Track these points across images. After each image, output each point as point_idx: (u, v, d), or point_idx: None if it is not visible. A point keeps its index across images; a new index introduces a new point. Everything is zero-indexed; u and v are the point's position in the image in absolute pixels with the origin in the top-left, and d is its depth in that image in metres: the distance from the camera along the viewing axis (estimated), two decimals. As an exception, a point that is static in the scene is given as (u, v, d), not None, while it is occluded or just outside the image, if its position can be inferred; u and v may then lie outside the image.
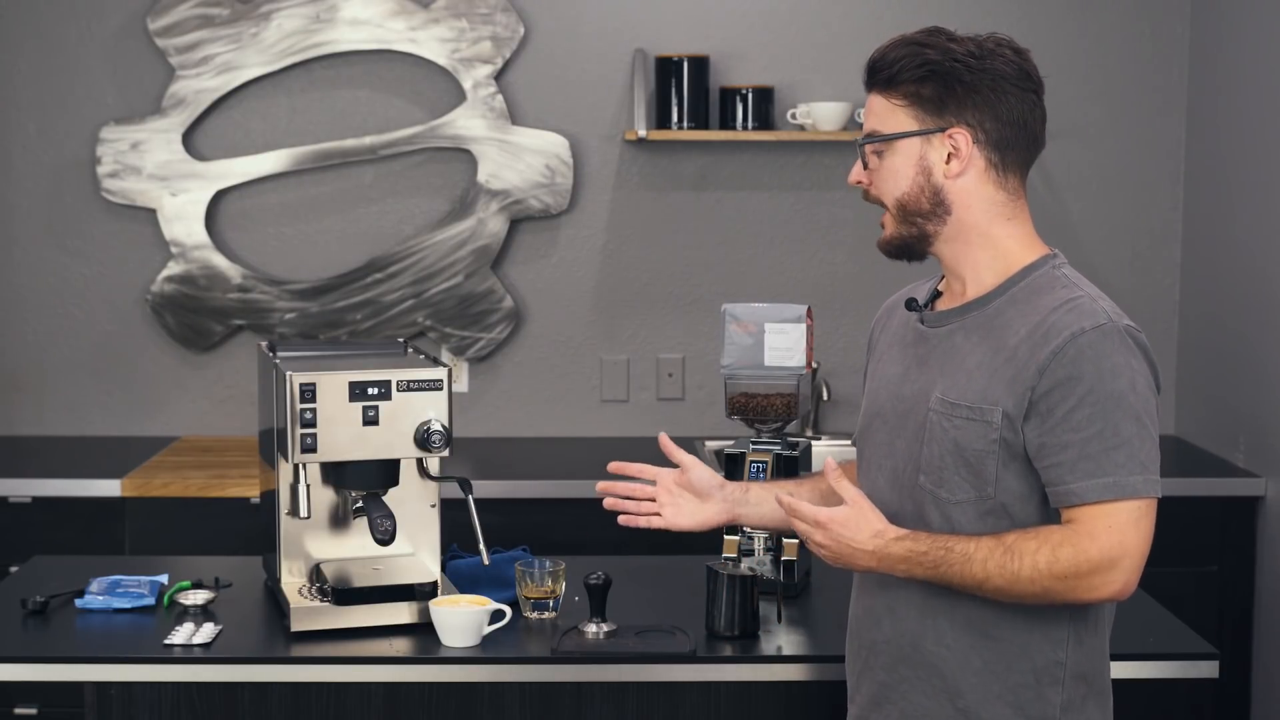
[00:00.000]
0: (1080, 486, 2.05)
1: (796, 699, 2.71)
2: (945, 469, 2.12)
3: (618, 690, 2.70)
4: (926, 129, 2.14)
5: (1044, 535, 2.07)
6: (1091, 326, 2.06)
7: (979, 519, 2.12)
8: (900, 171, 2.16)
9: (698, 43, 4.33)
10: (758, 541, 2.81)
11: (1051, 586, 2.05)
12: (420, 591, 2.68)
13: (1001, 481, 2.10)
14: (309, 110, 4.36)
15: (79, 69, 4.32)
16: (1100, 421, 2.04)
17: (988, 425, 2.09)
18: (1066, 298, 2.11)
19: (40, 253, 4.37)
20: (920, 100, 2.14)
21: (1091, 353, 2.05)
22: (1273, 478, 3.85)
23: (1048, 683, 2.14)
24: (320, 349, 2.98)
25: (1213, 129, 4.23)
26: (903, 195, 2.16)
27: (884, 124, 2.16)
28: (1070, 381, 2.05)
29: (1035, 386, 2.07)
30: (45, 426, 4.41)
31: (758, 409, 2.91)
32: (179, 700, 2.71)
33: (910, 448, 2.18)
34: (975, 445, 2.10)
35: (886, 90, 2.16)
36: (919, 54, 2.13)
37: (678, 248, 4.41)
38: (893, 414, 2.22)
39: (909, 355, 2.23)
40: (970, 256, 2.18)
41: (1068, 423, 2.05)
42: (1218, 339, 4.15)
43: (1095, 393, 2.04)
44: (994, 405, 2.09)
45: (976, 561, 2.07)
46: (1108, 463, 2.04)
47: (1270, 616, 3.84)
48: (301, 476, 2.66)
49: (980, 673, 2.14)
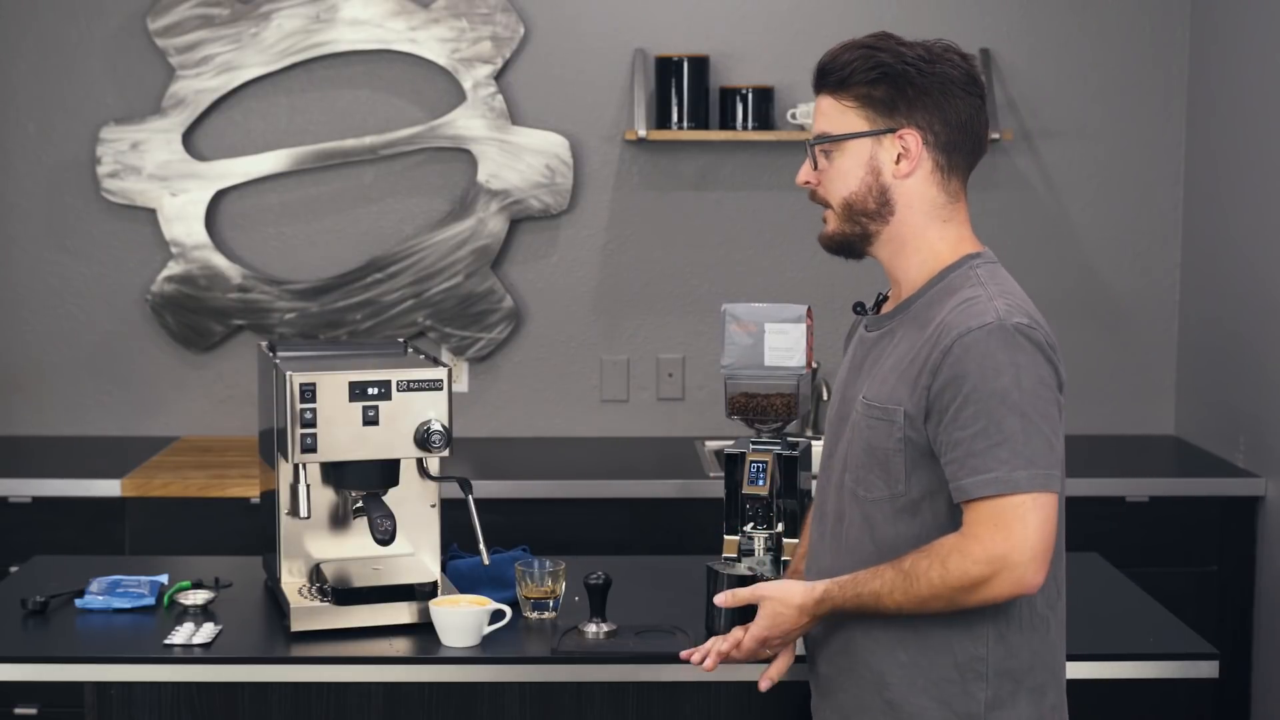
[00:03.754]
0: (968, 483, 2.09)
1: (796, 699, 2.70)
2: (862, 468, 2.20)
3: (618, 690, 2.70)
4: (877, 129, 2.19)
5: (934, 550, 2.11)
6: (977, 325, 2.10)
7: (894, 516, 2.18)
8: (849, 172, 2.21)
9: (698, 43, 4.33)
10: (758, 541, 2.81)
11: (955, 597, 2.11)
12: (420, 591, 2.68)
13: (912, 479, 2.16)
14: (309, 110, 4.36)
15: (79, 69, 4.32)
16: (984, 419, 2.08)
17: (892, 424, 2.16)
18: (966, 297, 2.16)
19: (40, 253, 4.37)
20: (871, 102, 2.19)
21: (976, 351, 2.09)
22: (1273, 478, 3.85)
23: (971, 678, 2.17)
24: (320, 349, 2.98)
25: (1213, 129, 4.23)
26: (850, 194, 2.22)
27: (834, 125, 2.22)
28: (956, 381, 2.10)
29: (930, 386, 2.12)
30: (45, 426, 4.41)
31: (758, 409, 2.91)
32: (179, 700, 2.71)
33: (843, 449, 2.25)
34: (884, 444, 2.17)
35: (837, 92, 2.21)
36: (871, 56, 2.19)
37: (678, 248, 4.41)
38: (836, 417, 2.30)
39: (854, 359, 2.31)
40: (905, 258, 2.23)
41: (955, 421, 2.10)
42: (1218, 339, 4.15)
43: (978, 391, 2.08)
44: (898, 405, 2.15)
45: (885, 596, 2.14)
46: (991, 459, 2.07)
47: (1270, 616, 3.84)
48: (301, 476, 2.66)
49: (906, 666, 2.18)
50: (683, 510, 3.84)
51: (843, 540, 2.24)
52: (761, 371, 2.89)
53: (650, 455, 4.22)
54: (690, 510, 3.82)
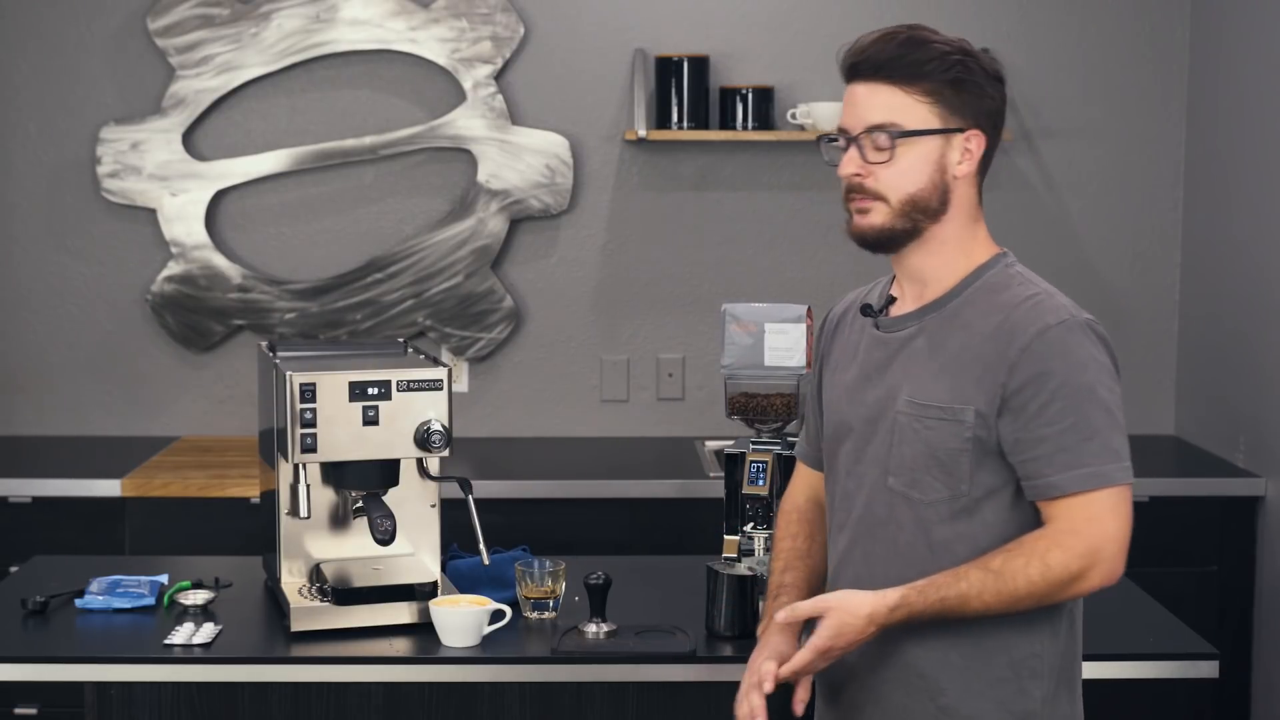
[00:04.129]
0: (1060, 479, 2.08)
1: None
2: (917, 470, 2.15)
3: (618, 690, 2.70)
4: (951, 127, 2.16)
5: (1028, 548, 2.09)
6: (1056, 322, 2.11)
7: (951, 517, 2.14)
8: (916, 167, 2.16)
9: (698, 43, 4.33)
10: (758, 541, 2.81)
11: (1052, 593, 2.09)
12: (420, 591, 2.68)
13: (975, 479, 2.13)
14: (309, 110, 4.36)
15: (79, 69, 4.32)
16: (1073, 414, 2.08)
17: (960, 425, 2.12)
18: (1026, 295, 2.15)
19: (40, 253, 4.37)
20: (944, 99, 2.15)
21: (1058, 347, 2.09)
22: (1273, 478, 3.85)
23: (1026, 675, 2.16)
24: (320, 349, 2.98)
25: (1213, 129, 4.23)
26: (917, 191, 2.16)
27: (904, 118, 2.15)
28: (1041, 377, 2.09)
29: (1006, 384, 2.10)
30: (45, 426, 4.41)
31: (758, 409, 2.91)
32: (179, 700, 2.71)
33: (878, 452, 2.20)
34: (948, 445, 2.13)
35: (909, 84, 2.15)
36: (942, 51, 2.15)
37: (678, 248, 4.41)
38: (857, 421, 2.23)
39: (868, 361, 2.25)
40: (940, 257, 2.20)
41: (1040, 418, 2.09)
42: (1218, 339, 4.15)
43: (1066, 386, 2.08)
44: (965, 405, 2.12)
45: (971, 599, 2.09)
46: (1084, 453, 2.08)
47: (1270, 616, 3.84)
48: (301, 476, 2.66)
49: (960, 669, 2.16)
50: (683, 510, 3.84)
51: (892, 545, 2.19)
52: (761, 371, 2.89)
53: (650, 455, 4.22)
54: (690, 510, 3.82)
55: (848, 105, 2.21)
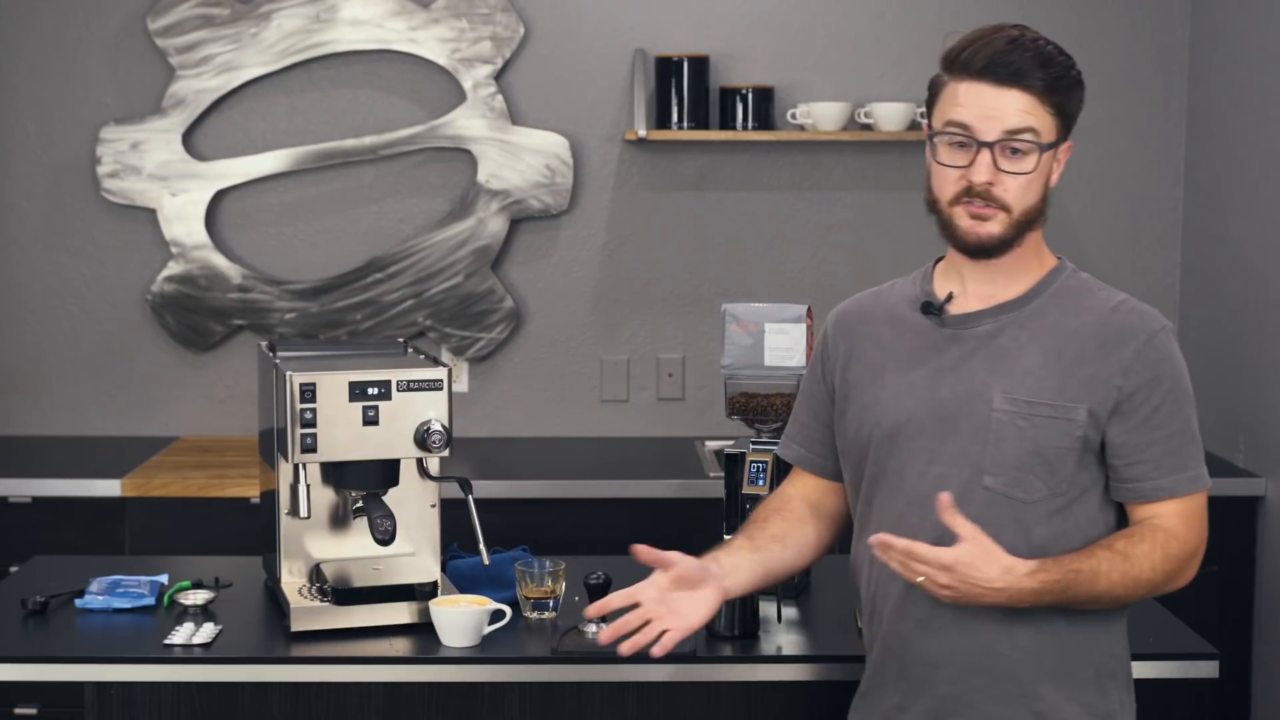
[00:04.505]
0: (1169, 481, 2.13)
1: (796, 699, 2.71)
2: (1020, 468, 2.13)
3: (618, 690, 2.70)
4: (1062, 139, 2.17)
5: (1148, 535, 2.12)
6: (1160, 327, 2.16)
7: (1048, 517, 2.14)
8: (1037, 179, 2.15)
9: (698, 43, 4.33)
10: (758, 541, 2.81)
11: (1158, 586, 2.13)
12: (420, 591, 2.68)
13: (1074, 479, 2.14)
14: (309, 110, 4.36)
15: (79, 69, 4.32)
16: (1179, 419, 2.15)
17: (1071, 423, 2.13)
18: (1117, 298, 2.20)
19: (40, 253, 4.37)
20: (1063, 112, 2.16)
21: (1166, 352, 2.15)
22: (1273, 478, 3.85)
23: (1106, 677, 2.18)
24: (320, 349, 2.98)
25: (1213, 129, 4.23)
26: (1035, 202, 2.16)
27: (1039, 128, 2.13)
28: (1154, 381, 2.13)
29: (1121, 386, 2.13)
30: (45, 426, 4.41)
31: (758, 409, 2.91)
32: (179, 700, 2.71)
33: (968, 450, 2.15)
34: (1057, 444, 2.13)
35: (1044, 95, 2.13)
36: (1068, 65, 2.15)
37: (678, 248, 4.41)
38: (931, 418, 2.18)
39: (935, 358, 2.21)
40: (1021, 261, 2.21)
41: (1151, 421, 2.13)
42: (1218, 339, 4.15)
43: (1174, 391, 2.14)
44: (1076, 403, 2.13)
45: (1101, 576, 2.09)
46: (1188, 457, 2.15)
47: (1270, 616, 3.84)
48: (301, 476, 2.66)
49: (1051, 674, 2.16)
50: (683, 510, 3.84)
51: None
52: (761, 371, 2.89)
53: (650, 455, 4.22)
54: (690, 510, 3.82)
55: (974, 106, 2.13)
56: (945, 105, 2.16)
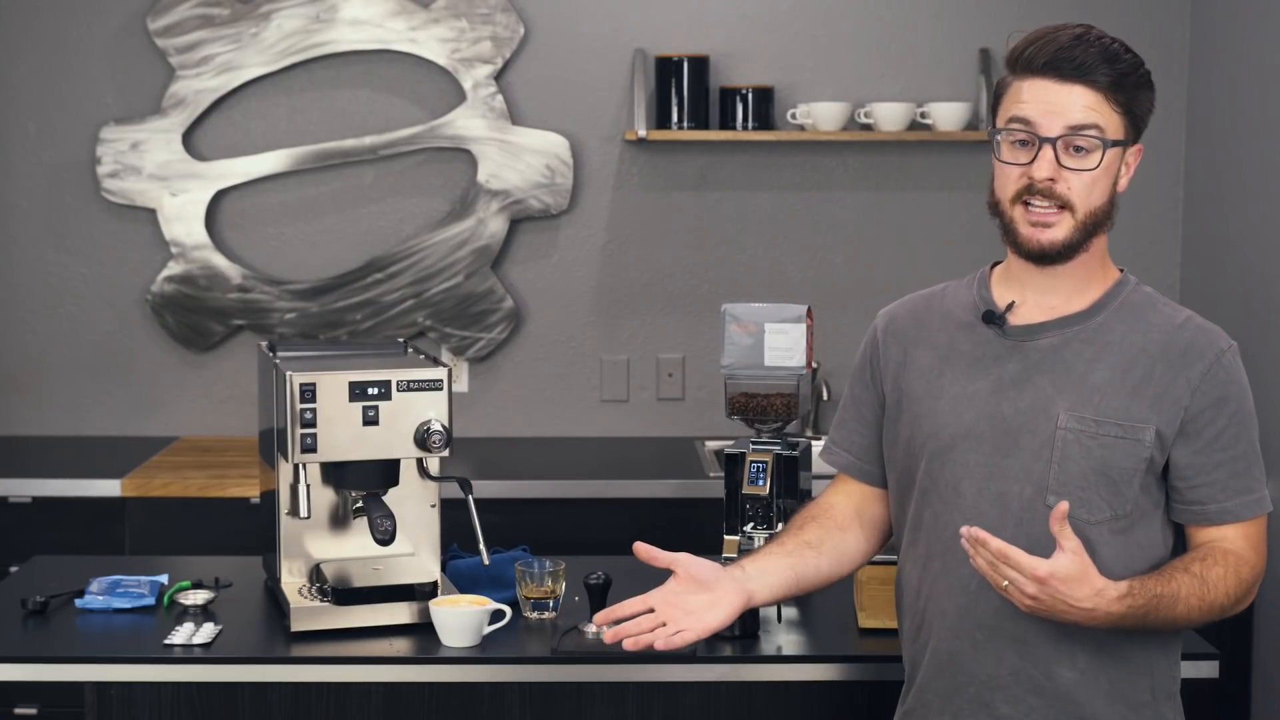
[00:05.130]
0: (1235, 504, 2.10)
1: (796, 699, 2.71)
2: (1087, 489, 2.08)
3: (618, 690, 2.70)
4: (1132, 139, 2.12)
5: (1220, 559, 2.08)
6: (1226, 347, 2.13)
7: (1110, 538, 2.09)
8: (1103, 179, 2.11)
9: (698, 43, 4.33)
10: (758, 541, 2.81)
11: (1229, 609, 2.09)
12: (420, 591, 2.68)
13: (1137, 500, 2.10)
14: (309, 110, 4.36)
15: (79, 69, 4.32)
16: (1244, 441, 2.11)
17: (1138, 444, 2.08)
18: (1183, 315, 2.16)
19: (40, 253, 4.37)
20: (1131, 111, 2.11)
21: (1233, 373, 2.12)
22: (1273, 478, 3.85)
23: (1163, 697, 2.16)
24: (320, 349, 2.98)
25: (1213, 129, 4.23)
26: (1101, 204, 2.12)
27: (1105, 125, 2.08)
28: (1221, 402, 2.10)
29: (1188, 407, 2.09)
30: (45, 426, 4.41)
31: (758, 409, 2.91)
32: (179, 700, 2.71)
33: (1031, 467, 2.10)
34: (1123, 464, 2.08)
35: (1111, 92, 2.08)
36: (1135, 63, 2.10)
37: (678, 248, 4.41)
38: (992, 432, 2.11)
39: (996, 370, 2.14)
40: (1086, 269, 2.16)
41: (1217, 443, 2.09)
42: (1218, 339, 4.15)
43: (1240, 413, 2.11)
44: (1144, 424, 2.08)
45: (1180, 601, 2.05)
46: (1252, 480, 2.11)
47: (1270, 616, 3.84)
48: (301, 476, 2.66)
49: (1108, 694, 2.12)
50: (683, 510, 3.84)
51: None
52: (761, 371, 2.89)
53: (650, 455, 4.22)
54: (690, 510, 3.82)
55: (1036, 102, 2.08)
56: (1009, 103, 2.11)
